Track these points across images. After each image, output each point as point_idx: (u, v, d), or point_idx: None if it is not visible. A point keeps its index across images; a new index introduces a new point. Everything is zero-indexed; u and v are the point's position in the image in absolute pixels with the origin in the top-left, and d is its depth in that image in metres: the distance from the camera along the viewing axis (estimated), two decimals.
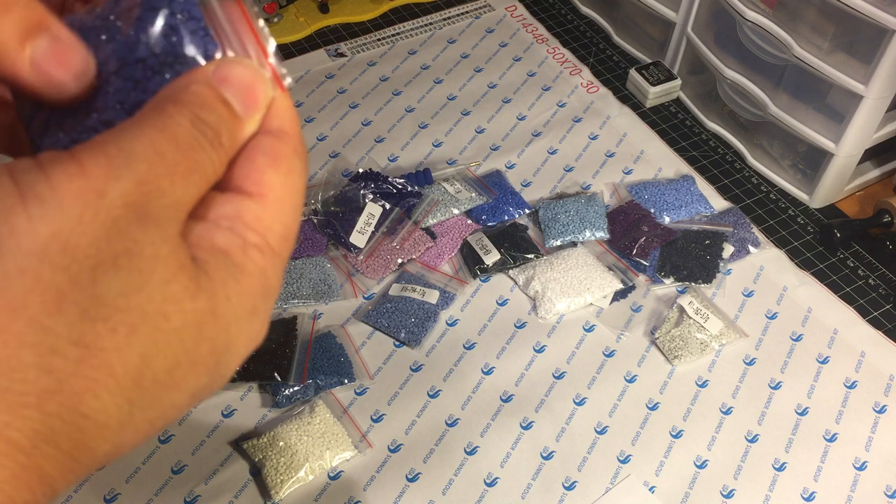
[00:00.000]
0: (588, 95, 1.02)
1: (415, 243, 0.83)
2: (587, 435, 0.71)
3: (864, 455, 0.71)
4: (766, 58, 0.88)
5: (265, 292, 0.26)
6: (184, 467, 0.68)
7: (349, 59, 1.05)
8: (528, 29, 1.10)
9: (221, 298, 0.24)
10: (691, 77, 1.02)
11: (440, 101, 1.00)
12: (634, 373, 0.75)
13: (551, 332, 0.78)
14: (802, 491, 0.68)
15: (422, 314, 0.77)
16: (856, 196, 0.94)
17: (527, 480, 0.68)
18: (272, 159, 0.26)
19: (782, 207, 0.91)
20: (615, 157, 0.94)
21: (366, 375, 0.74)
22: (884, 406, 0.74)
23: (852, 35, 0.80)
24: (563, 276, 0.80)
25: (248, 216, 0.25)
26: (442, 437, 0.70)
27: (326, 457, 0.67)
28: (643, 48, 1.07)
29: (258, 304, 0.25)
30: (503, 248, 0.82)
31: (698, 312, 0.77)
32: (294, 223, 0.27)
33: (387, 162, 0.92)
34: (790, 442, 0.71)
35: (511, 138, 0.96)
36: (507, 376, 0.75)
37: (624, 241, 0.84)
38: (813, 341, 0.78)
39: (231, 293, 0.24)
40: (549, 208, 0.86)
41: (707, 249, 0.83)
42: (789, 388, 0.75)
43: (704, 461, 0.70)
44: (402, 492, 0.67)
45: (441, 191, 0.87)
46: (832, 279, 0.84)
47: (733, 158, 0.96)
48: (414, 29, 1.10)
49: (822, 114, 0.86)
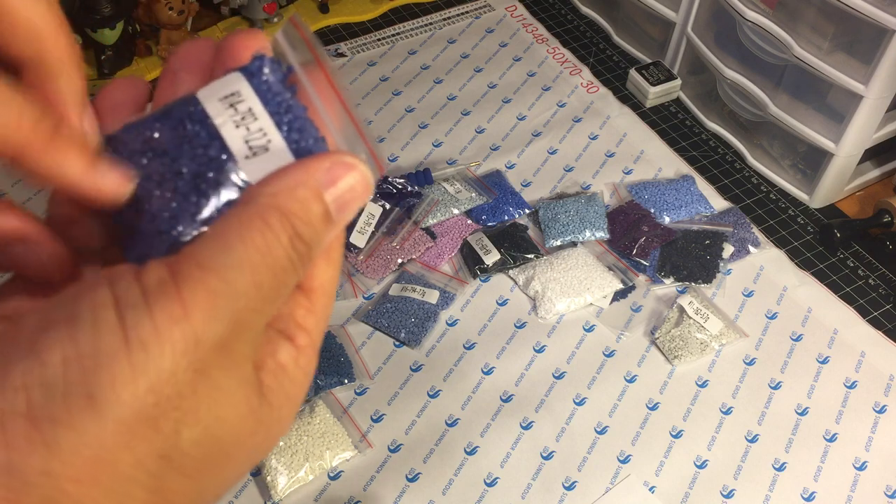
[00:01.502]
0: (588, 95, 1.02)
1: (415, 243, 0.83)
2: (587, 435, 0.71)
3: (864, 455, 0.71)
4: (766, 58, 0.88)
5: (305, 389, 0.26)
6: None
7: (349, 59, 1.05)
8: (528, 29, 1.10)
9: (275, 423, 0.25)
10: (691, 77, 1.02)
11: (440, 101, 1.00)
12: (634, 373, 0.75)
13: (551, 332, 0.78)
14: (802, 491, 0.68)
15: (422, 314, 0.77)
16: (856, 196, 0.94)
17: (527, 480, 0.68)
18: (326, 252, 0.26)
19: (782, 207, 0.91)
20: (615, 157, 0.94)
21: (366, 375, 0.74)
22: (884, 406, 0.74)
23: (852, 35, 0.80)
24: (563, 276, 0.80)
25: (298, 313, 0.25)
26: (442, 437, 0.70)
27: (326, 457, 0.67)
28: (643, 48, 1.07)
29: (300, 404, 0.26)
30: (503, 248, 0.82)
31: (698, 312, 0.77)
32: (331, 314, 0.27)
33: (387, 162, 0.92)
34: (790, 442, 0.71)
35: (511, 138, 0.96)
36: (507, 376, 0.75)
37: (624, 241, 0.84)
38: (813, 341, 0.78)
39: (284, 414, 0.25)
40: (549, 208, 0.86)
41: (707, 249, 0.83)
42: (789, 388, 0.75)
43: (704, 461, 0.70)
44: (402, 492, 0.67)
45: (441, 191, 0.87)
46: (832, 279, 0.84)
47: (733, 158, 0.96)
48: (414, 29, 1.10)
49: (822, 114, 0.86)
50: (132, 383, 0.20)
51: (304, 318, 0.25)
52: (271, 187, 0.24)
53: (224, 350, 0.22)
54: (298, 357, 0.25)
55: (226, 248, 0.22)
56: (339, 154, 0.25)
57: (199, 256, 0.22)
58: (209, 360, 0.22)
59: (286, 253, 0.23)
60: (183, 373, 0.21)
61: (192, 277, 0.22)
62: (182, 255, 0.22)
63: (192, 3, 0.99)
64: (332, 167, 0.24)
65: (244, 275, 0.22)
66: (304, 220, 0.24)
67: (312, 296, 0.26)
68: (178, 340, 0.21)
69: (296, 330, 0.25)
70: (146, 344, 0.21)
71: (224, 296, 0.22)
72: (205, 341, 0.21)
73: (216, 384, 0.22)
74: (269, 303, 0.23)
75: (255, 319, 0.23)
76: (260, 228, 0.23)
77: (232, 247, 0.22)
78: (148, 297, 0.21)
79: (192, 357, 0.21)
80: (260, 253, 0.22)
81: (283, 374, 0.25)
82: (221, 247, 0.22)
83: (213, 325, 0.21)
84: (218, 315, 0.22)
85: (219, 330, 0.22)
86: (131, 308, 0.21)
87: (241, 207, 0.23)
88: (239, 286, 0.22)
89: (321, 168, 0.24)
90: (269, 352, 0.24)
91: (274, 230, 0.23)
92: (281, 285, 0.23)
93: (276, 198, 0.23)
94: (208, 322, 0.21)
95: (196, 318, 0.21)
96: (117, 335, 0.21)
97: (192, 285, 0.21)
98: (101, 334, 0.21)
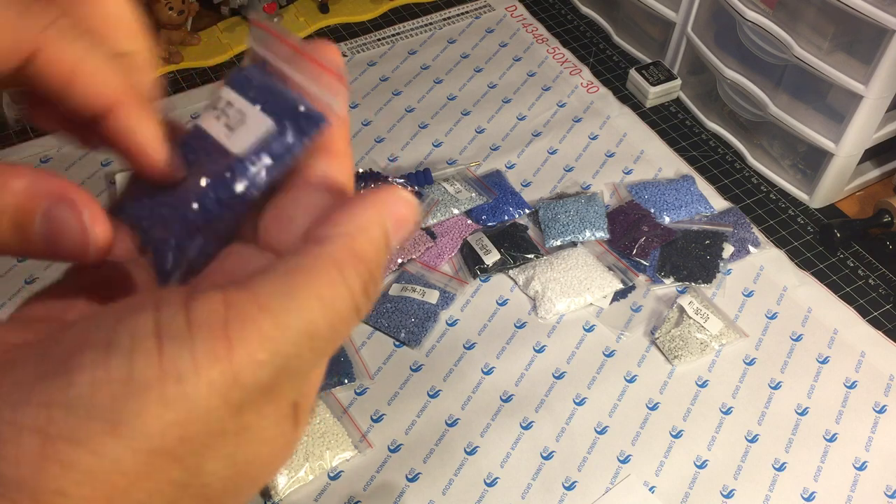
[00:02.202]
0: (588, 95, 1.02)
1: (415, 243, 0.83)
2: (587, 435, 0.71)
3: (864, 455, 0.71)
4: (766, 58, 0.88)
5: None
6: None
7: (349, 59, 1.05)
8: (528, 29, 1.10)
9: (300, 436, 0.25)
10: (691, 77, 1.02)
11: (440, 101, 1.00)
12: (634, 373, 0.75)
13: (551, 332, 0.78)
14: (802, 491, 0.68)
15: (422, 314, 0.77)
16: (856, 196, 0.94)
17: (527, 480, 0.68)
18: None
19: (782, 207, 0.91)
20: (615, 157, 0.94)
21: (366, 375, 0.74)
22: (884, 406, 0.74)
23: (852, 35, 0.80)
24: (563, 276, 0.80)
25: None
26: (442, 437, 0.70)
27: (326, 457, 0.67)
28: (643, 48, 1.07)
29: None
30: (503, 248, 0.82)
31: (698, 312, 0.77)
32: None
33: (387, 162, 0.92)
34: (790, 442, 0.71)
35: (511, 138, 0.96)
36: (507, 376, 0.75)
37: (624, 241, 0.84)
38: (813, 341, 0.78)
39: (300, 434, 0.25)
40: (549, 208, 0.86)
41: (707, 249, 0.83)
42: (789, 388, 0.75)
43: (704, 461, 0.70)
44: (402, 492, 0.67)
45: (441, 191, 0.87)
46: (832, 279, 0.84)
47: (733, 158, 0.96)
48: (414, 29, 1.10)
49: (822, 114, 0.86)
50: (160, 416, 0.20)
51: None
52: (345, 226, 0.23)
53: (266, 393, 0.21)
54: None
55: (290, 291, 0.21)
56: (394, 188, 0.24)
57: (261, 294, 0.21)
58: (248, 402, 0.21)
59: (354, 302, 0.22)
60: (216, 411, 0.20)
61: (247, 316, 0.21)
62: (244, 287, 0.21)
63: (192, 3, 0.99)
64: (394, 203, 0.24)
65: (300, 324, 0.21)
66: (378, 262, 0.23)
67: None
68: (216, 380, 0.20)
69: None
70: (182, 378, 0.20)
71: (275, 341, 0.21)
72: (246, 384, 0.21)
73: (252, 425, 0.21)
74: (320, 353, 0.22)
75: (304, 367, 0.22)
76: (330, 277, 0.22)
77: (295, 292, 0.21)
78: (193, 329, 0.20)
79: (228, 398, 0.20)
80: (322, 303, 0.22)
81: (311, 390, 0.24)
82: (286, 289, 0.21)
83: (257, 371, 0.21)
84: (264, 360, 0.21)
85: (262, 376, 0.21)
86: (173, 339, 0.20)
87: (313, 247, 0.22)
88: (291, 336, 0.21)
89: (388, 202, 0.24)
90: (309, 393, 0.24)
91: (347, 280, 0.22)
92: (338, 336, 0.22)
93: (352, 238, 0.23)
94: (252, 366, 0.21)
95: (240, 359, 0.20)
96: (153, 365, 0.20)
97: (244, 324, 0.21)
98: (136, 362, 0.20)
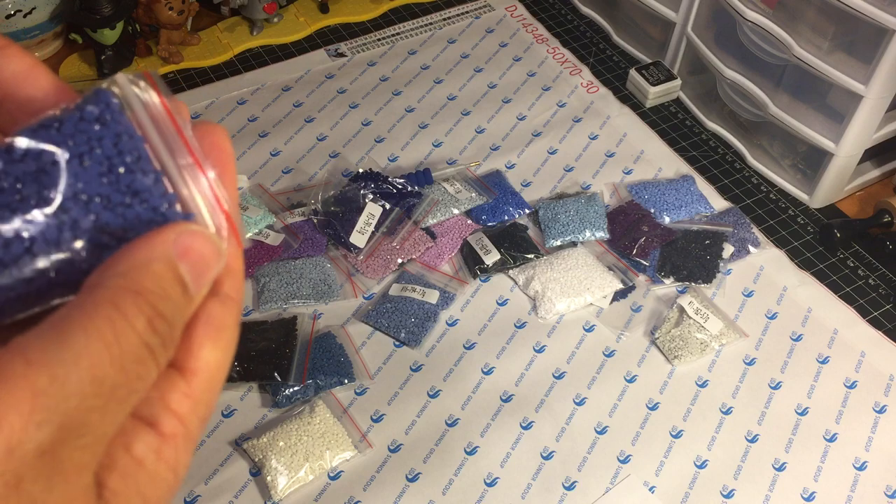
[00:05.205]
0: (588, 95, 1.02)
1: (415, 243, 0.83)
2: (587, 435, 0.71)
3: (864, 455, 0.71)
4: (766, 58, 0.88)
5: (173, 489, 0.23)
6: None
7: (349, 59, 1.05)
8: (528, 29, 1.10)
9: None
10: (691, 77, 1.02)
11: (440, 101, 1.00)
12: (634, 373, 0.75)
13: (551, 332, 0.78)
14: (802, 491, 0.68)
15: (422, 314, 0.77)
16: (856, 196, 0.94)
17: (527, 480, 0.68)
18: (214, 331, 0.23)
19: (782, 207, 0.91)
20: (615, 157, 0.94)
21: (366, 375, 0.74)
22: (884, 406, 0.74)
23: (852, 35, 0.80)
24: (563, 276, 0.80)
25: (173, 397, 0.22)
26: (442, 437, 0.70)
27: (326, 457, 0.67)
28: (643, 48, 1.07)
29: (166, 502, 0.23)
30: (503, 248, 0.82)
31: (698, 312, 0.77)
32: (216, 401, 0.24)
33: (387, 162, 0.92)
34: (790, 442, 0.71)
35: (511, 138, 0.96)
36: (507, 376, 0.75)
37: (624, 241, 0.84)
38: (813, 341, 0.78)
39: None
40: (549, 208, 0.86)
41: (707, 249, 0.83)
42: (789, 388, 0.75)
43: (704, 461, 0.70)
44: (402, 492, 0.67)
45: (441, 191, 0.87)
46: (832, 279, 0.84)
47: (733, 158, 0.96)
48: (414, 29, 1.10)
49: (822, 114, 0.86)
50: None
51: (179, 403, 0.22)
52: (120, 267, 0.21)
53: (48, 459, 0.19)
54: (162, 448, 0.22)
55: (62, 340, 0.19)
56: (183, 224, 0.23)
57: (29, 349, 0.19)
58: (25, 472, 0.19)
59: (142, 339, 0.21)
60: None
61: (15, 374, 0.19)
62: (9, 346, 0.19)
63: (192, 3, 0.99)
64: (181, 235, 0.22)
65: (80, 371, 0.19)
66: (163, 296, 0.21)
67: (192, 379, 0.23)
68: None
69: (163, 415, 0.22)
70: None
71: (51, 396, 0.19)
72: (20, 450, 0.18)
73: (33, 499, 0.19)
74: (117, 401, 0.20)
75: (98, 420, 0.20)
76: (108, 316, 0.20)
77: (69, 339, 0.19)
78: None
79: (3, 473, 0.18)
80: (104, 343, 0.20)
81: (139, 471, 0.21)
82: (57, 338, 0.20)
83: (33, 432, 0.19)
84: (40, 419, 0.19)
85: (39, 437, 0.19)
86: None
87: (85, 294, 0.21)
88: (72, 385, 0.19)
89: (169, 239, 0.22)
90: (122, 444, 0.21)
91: (127, 316, 0.20)
92: (134, 378, 0.20)
93: (128, 277, 0.21)
94: (26, 428, 0.18)
95: (11, 422, 0.18)
96: None
97: (14, 383, 0.19)
98: None
